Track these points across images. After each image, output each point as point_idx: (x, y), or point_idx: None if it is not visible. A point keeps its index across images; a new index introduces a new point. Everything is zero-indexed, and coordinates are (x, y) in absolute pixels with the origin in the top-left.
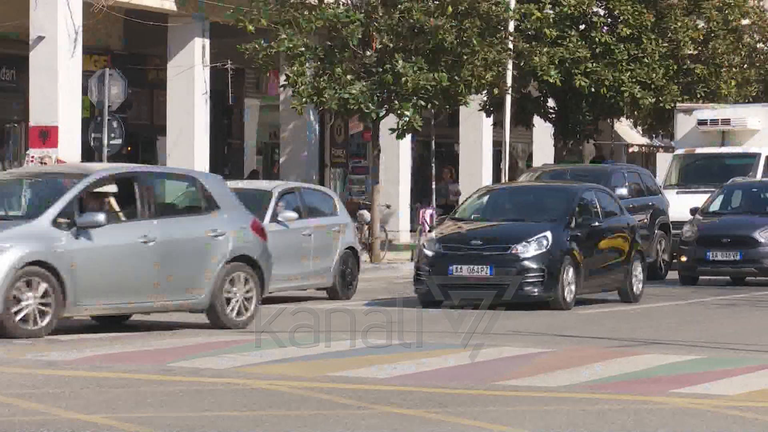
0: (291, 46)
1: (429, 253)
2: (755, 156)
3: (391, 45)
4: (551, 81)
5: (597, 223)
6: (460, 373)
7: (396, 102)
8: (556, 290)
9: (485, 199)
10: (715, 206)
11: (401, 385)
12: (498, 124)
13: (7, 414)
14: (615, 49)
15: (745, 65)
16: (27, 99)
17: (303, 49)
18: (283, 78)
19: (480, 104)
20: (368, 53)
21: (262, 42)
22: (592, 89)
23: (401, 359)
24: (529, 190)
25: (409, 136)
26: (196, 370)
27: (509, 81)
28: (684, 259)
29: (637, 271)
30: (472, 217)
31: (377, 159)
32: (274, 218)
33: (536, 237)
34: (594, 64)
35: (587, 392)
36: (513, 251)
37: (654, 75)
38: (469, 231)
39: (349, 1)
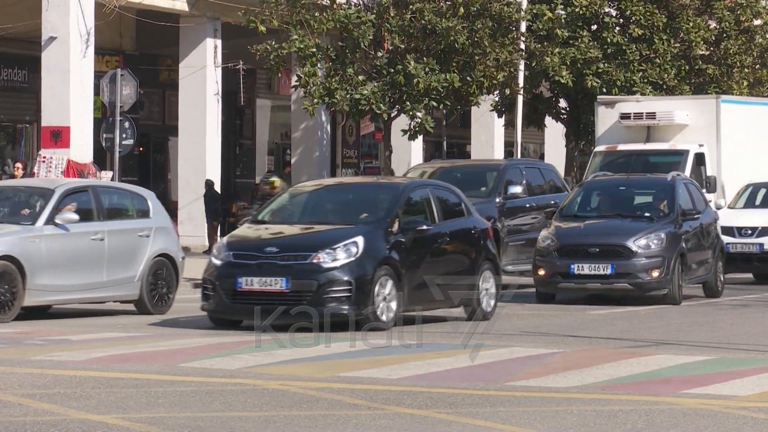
0: (302, 46)
1: (217, 262)
2: (683, 153)
3: (403, 46)
4: (563, 81)
5: (426, 227)
6: (471, 374)
7: (407, 103)
8: (367, 307)
9: (298, 198)
10: (573, 208)
11: (412, 385)
12: (510, 125)
13: (19, 414)
14: (627, 49)
15: (757, 65)
16: (39, 99)
17: (314, 49)
18: (294, 79)
19: (492, 105)
20: (380, 54)
21: (273, 43)
22: (604, 90)
23: (411, 360)
24: (348, 188)
25: (420, 137)
26: (207, 370)
27: (521, 81)
28: (542, 272)
29: (488, 283)
30: (277, 219)
31: (389, 159)
32: (50, 220)
33: (344, 243)
34: (606, 65)
35: (598, 393)
36: (314, 260)
37: (666, 75)
38: (265, 236)
39: (361, 2)
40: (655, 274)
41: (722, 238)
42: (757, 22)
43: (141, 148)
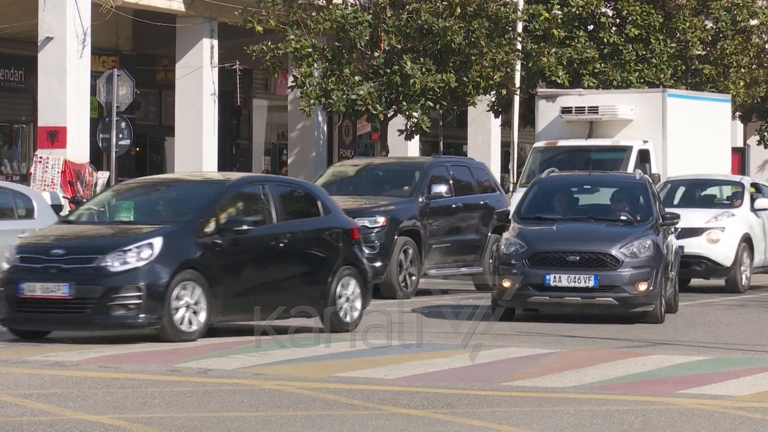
0: (299, 47)
1: (5, 266)
2: (626, 150)
3: (399, 46)
4: (559, 82)
5: (247, 227)
6: (468, 374)
7: (404, 103)
8: (161, 315)
9: (120, 196)
10: (533, 208)
11: (408, 385)
12: (506, 125)
13: (15, 414)
14: (623, 49)
15: (754, 65)
16: (35, 100)
17: (311, 50)
18: (291, 79)
19: (488, 105)
20: (376, 54)
21: (270, 43)
22: (601, 90)
23: (408, 360)
24: (173, 186)
25: (417, 137)
26: (203, 370)
27: (517, 81)
28: (508, 284)
29: (349, 291)
30: (89, 219)
31: None
32: None
33: (137, 245)
34: (602, 65)
35: (595, 393)
36: (100, 264)
37: (662, 75)
38: (57, 238)
39: (358, 2)
40: (643, 287)
41: None
42: (754, 22)
43: (137, 149)
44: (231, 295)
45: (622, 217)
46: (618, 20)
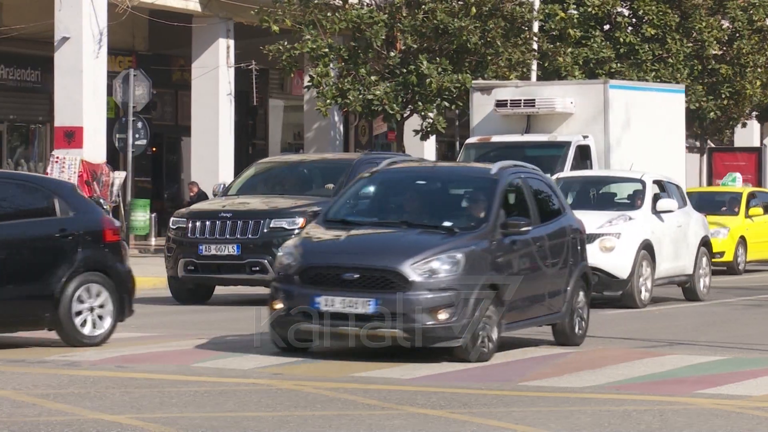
0: (315, 47)
1: None
2: (563, 145)
3: (415, 46)
4: None
5: None
6: (485, 374)
7: (420, 103)
8: None
9: None
10: (343, 210)
11: (426, 385)
12: None
13: (33, 414)
14: (639, 49)
15: None
16: (52, 100)
17: (327, 50)
18: (307, 79)
19: None
20: (392, 54)
21: (286, 43)
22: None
23: (425, 360)
24: None
25: (433, 137)
26: (220, 370)
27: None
28: (279, 306)
29: (93, 299)
30: None
31: None
32: None
33: None
34: (618, 65)
35: (612, 393)
36: None
37: (678, 75)
38: None
39: (373, 2)
40: (443, 316)
41: None
42: None
43: (154, 149)
44: None
45: (445, 224)
46: (634, 20)
